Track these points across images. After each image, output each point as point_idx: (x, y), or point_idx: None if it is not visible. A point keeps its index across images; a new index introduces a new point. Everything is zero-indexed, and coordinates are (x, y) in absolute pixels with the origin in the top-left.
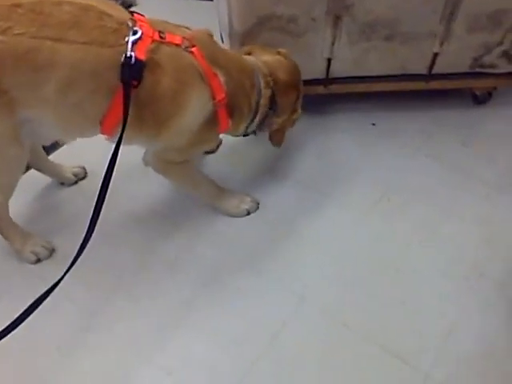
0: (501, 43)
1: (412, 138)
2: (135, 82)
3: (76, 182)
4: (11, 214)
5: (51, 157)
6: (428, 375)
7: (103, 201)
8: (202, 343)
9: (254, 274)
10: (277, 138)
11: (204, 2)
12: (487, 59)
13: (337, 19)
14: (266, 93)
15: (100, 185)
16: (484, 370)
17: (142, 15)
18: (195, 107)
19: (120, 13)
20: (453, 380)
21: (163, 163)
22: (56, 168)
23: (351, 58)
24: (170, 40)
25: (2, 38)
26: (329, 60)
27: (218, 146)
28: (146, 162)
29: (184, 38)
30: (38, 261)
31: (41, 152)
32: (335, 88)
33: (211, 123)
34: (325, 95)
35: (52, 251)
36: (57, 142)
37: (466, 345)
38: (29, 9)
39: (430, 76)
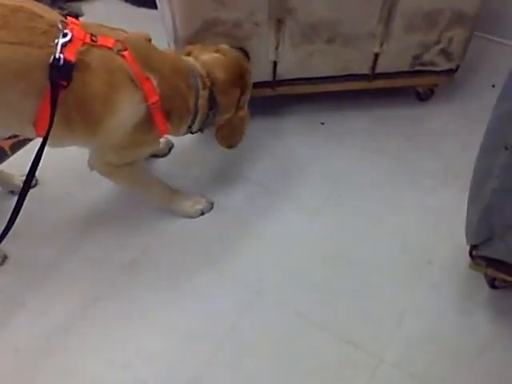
0: (438, 42)
1: (359, 135)
2: (64, 83)
3: None
4: None
5: (0, 166)
6: (380, 359)
7: (22, 202)
8: (160, 339)
9: (209, 272)
10: (221, 135)
11: (153, 11)
12: (427, 57)
13: (279, 23)
14: (204, 94)
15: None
16: (434, 352)
17: (76, 18)
18: (126, 110)
19: (51, 15)
20: (404, 362)
21: (107, 166)
22: (5, 176)
23: (296, 60)
24: (102, 43)
25: None
26: (275, 63)
27: (169, 149)
28: (91, 167)
29: (117, 41)
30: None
31: None
32: (283, 90)
33: (146, 126)
34: (274, 97)
35: (4, 258)
36: (5, 153)
37: (417, 329)
38: None
39: (373, 75)
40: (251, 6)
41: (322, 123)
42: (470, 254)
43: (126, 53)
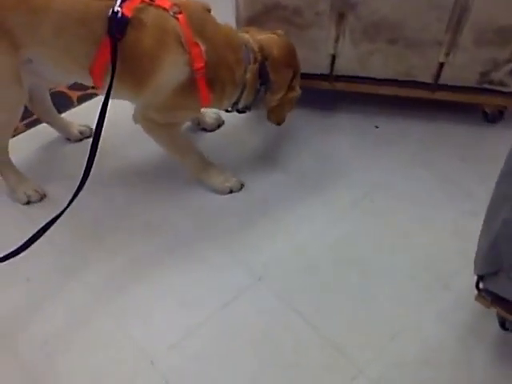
0: (509, 60)
1: (412, 145)
2: (119, 36)
3: (81, 140)
4: (14, 159)
5: (64, 115)
6: (361, 371)
7: (95, 152)
8: (155, 299)
9: (220, 248)
10: (274, 116)
11: None
12: (495, 76)
13: (341, 17)
14: (253, 68)
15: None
16: (419, 379)
17: None
18: (170, 69)
19: None
20: (385, 381)
21: (148, 122)
22: (64, 123)
23: (355, 57)
24: (159, 3)
25: None
26: (333, 56)
27: (219, 126)
28: (135, 120)
29: (174, 4)
30: (28, 203)
31: (51, 106)
32: (339, 86)
33: (188, 90)
34: (329, 92)
35: (43, 196)
36: (71, 103)
37: (409, 351)
38: None
39: (436, 86)
40: None
41: (377, 127)
42: (477, 285)
43: (180, 16)
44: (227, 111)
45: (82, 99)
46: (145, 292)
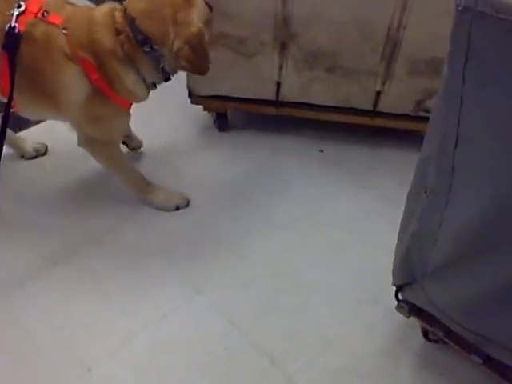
0: None
1: (355, 169)
2: (13, 51)
3: (35, 157)
4: None
5: (22, 133)
6: (291, 379)
7: None
8: (95, 307)
9: (164, 261)
10: (186, 60)
11: None
12: (430, 103)
13: (283, 46)
14: (121, 39)
15: None
16: None
17: None
18: (70, 86)
19: None
20: None
21: (90, 144)
22: (18, 140)
23: (298, 84)
24: (51, 19)
25: None
26: (278, 83)
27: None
28: (79, 144)
29: (65, 20)
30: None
31: None
32: (285, 111)
33: (98, 99)
34: (276, 116)
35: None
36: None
37: (339, 360)
38: None
39: (374, 113)
40: (257, 26)
41: (321, 150)
42: (396, 296)
43: (67, 31)
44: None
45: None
46: (85, 300)
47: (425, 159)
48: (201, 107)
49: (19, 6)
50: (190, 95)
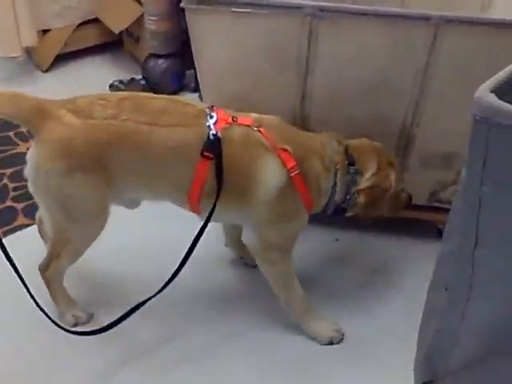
0: (454, 182)
1: (369, 258)
2: (212, 155)
3: None
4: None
5: None
6: None
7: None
8: None
9: None
10: (364, 198)
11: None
12: (444, 195)
13: None
14: (339, 149)
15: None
16: None
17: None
18: (267, 176)
19: (201, 104)
20: None
21: (265, 248)
22: None
23: None
24: (242, 122)
25: (113, 121)
26: None
27: None
28: (254, 254)
29: (254, 120)
30: (76, 325)
31: None
32: None
33: (290, 194)
34: None
35: (91, 317)
36: None
37: None
38: (132, 101)
39: None
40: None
41: (337, 239)
42: None
43: (261, 129)
44: (324, 213)
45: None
46: None
47: (445, 255)
48: None
49: (211, 117)
50: None
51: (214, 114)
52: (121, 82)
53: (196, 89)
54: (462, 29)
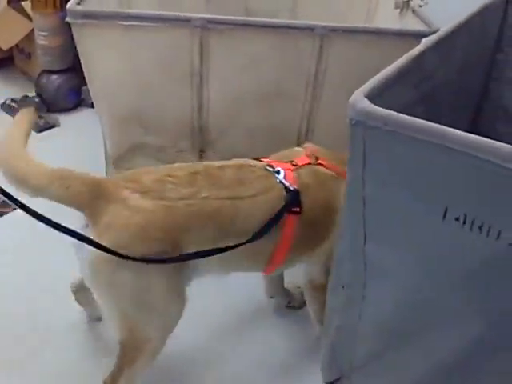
0: None
1: None
2: (298, 209)
3: None
4: None
5: None
6: None
7: None
8: None
9: None
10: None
11: None
12: None
13: (202, 152)
14: None
15: None
16: None
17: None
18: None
19: (256, 162)
20: None
21: (317, 286)
22: None
23: None
24: (301, 163)
25: (192, 201)
26: None
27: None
28: (309, 282)
29: (308, 156)
30: None
31: None
32: None
33: None
34: None
35: None
36: None
37: None
38: (205, 175)
39: None
40: (175, 135)
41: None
42: None
43: (320, 161)
44: None
45: None
46: None
47: (340, 256)
48: None
49: (278, 172)
50: None
51: (279, 169)
52: (13, 100)
53: (93, 104)
54: (345, 38)
